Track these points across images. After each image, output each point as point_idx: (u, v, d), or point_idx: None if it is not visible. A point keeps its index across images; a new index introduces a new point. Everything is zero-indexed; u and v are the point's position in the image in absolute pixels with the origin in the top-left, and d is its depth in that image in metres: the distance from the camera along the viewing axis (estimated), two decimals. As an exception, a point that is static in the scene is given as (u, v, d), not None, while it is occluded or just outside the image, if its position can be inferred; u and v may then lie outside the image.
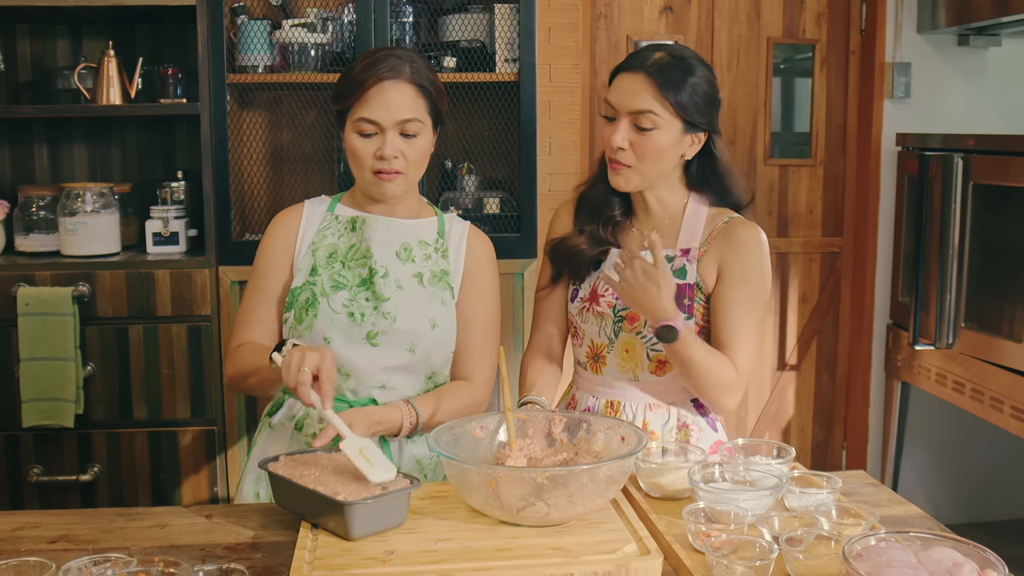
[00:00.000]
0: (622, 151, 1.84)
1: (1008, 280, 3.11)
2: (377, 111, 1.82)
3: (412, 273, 1.92)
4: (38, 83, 3.23)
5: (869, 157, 3.80)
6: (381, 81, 1.82)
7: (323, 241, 1.93)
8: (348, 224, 1.95)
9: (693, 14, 3.73)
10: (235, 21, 3.02)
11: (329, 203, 1.99)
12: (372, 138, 1.85)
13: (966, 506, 3.92)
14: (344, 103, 1.87)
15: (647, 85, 1.82)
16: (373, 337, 1.87)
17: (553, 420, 1.70)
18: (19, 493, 2.88)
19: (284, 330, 1.92)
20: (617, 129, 1.84)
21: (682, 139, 1.86)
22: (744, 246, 1.88)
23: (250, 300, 1.95)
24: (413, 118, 1.85)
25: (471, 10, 3.10)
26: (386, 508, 1.46)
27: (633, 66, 1.85)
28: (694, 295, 1.89)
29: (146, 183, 3.23)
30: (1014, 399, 3.08)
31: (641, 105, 1.82)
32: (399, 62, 1.85)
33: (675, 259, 1.90)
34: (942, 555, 1.27)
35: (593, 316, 1.96)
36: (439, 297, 1.92)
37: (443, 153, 3.32)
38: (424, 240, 1.96)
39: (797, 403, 4.00)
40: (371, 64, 1.84)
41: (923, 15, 3.70)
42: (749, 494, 1.52)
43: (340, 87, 1.89)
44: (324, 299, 1.88)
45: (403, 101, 1.84)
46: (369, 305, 1.88)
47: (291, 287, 1.91)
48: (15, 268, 2.82)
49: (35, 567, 1.32)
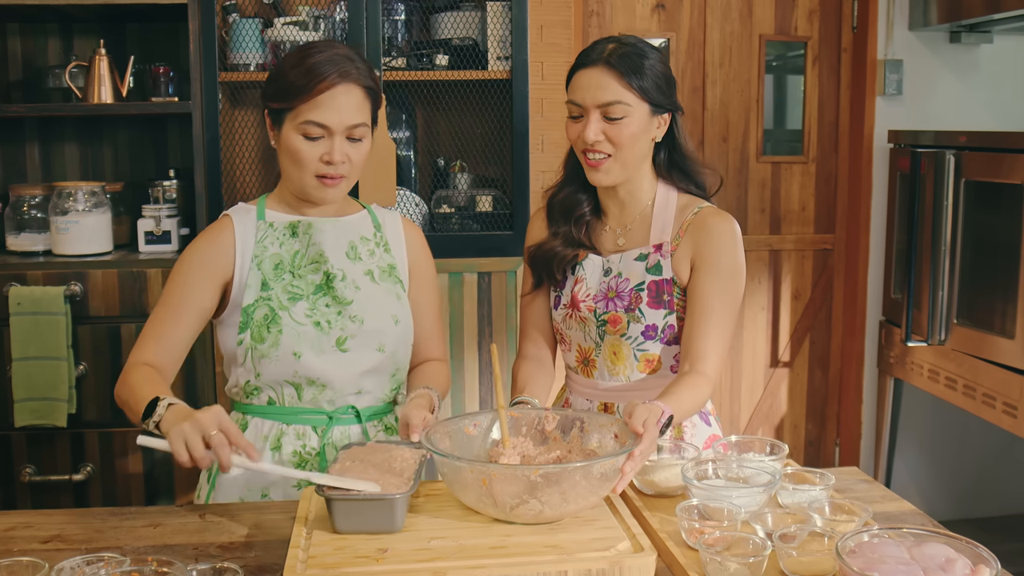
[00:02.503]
0: (598, 143, 1.84)
1: (1000, 276, 3.12)
2: (328, 115, 1.74)
3: (363, 271, 1.88)
4: (29, 82, 3.22)
5: (861, 154, 3.81)
6: (334, 85, 1.74)
7: (264, 253, 1.83)
8: (287, 230, 1.86)
9: (685, 11, 3.74)
10: (227, 19, 3.01)
11: (256, 209, 1.88)
12: (318, 141, 1.76)
13: (959, 502, 3.93)
14: (288, 102, 1.76)
15: (611, 75, 1.82)
16: (343, 343, 1.83)
17: (546, 418, 1.70)
18: (12, 493, 2.88)
19: (240, 352, 1.81)
20: (588, 124, 1.83)
21: (651, 122, 1.87)
22: (715, 236, 1.87)
23: (157, 315, 1.81)
24: (361, 122, 1.78)
25: (463, 8, 3.10)
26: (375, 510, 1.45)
27: (591, 60, 1.84)
28: (672, 290, 1.89)
29: (138, 182, 3.22)
30: (1006, 395, 3.09)
31: (609, 97, 1.82)
32: (349, 63, 1.77)
33: (649, 256, 1.90)
34: (935, 551, 1.28)
35: (576, 322, 1.96)
36: (393, 292, 1.90)
37: (435, 151, 3.32)
38: (364, 236, 1.91)
39: (790, 400, 4.00)
40: (321, 65, 1.74)
41: (915, 12, 3.70)
42: (742, 491, 1.52)
43: (281, 85, 1.77)
44: (285, 312, 1.80)
45: (353, 105, 1.76)
46: (332, 311, 1.83)
47: (242, 305, 1.81)
48: (6, 267, 2.81)
49: (28, 567, 1.31)
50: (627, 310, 1.88)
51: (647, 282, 1.88)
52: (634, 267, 1.90)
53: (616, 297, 1.90)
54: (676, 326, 1.90)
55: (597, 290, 1.93)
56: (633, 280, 1.89)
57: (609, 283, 1.92)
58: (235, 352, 1.83)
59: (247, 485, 1.85)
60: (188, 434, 1.51)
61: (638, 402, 1.59)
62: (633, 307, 1.88)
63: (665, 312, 1.88)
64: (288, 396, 1.84)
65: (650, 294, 1.88)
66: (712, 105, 3.79)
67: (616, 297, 1.90)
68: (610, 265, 1.93)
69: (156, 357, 1.78)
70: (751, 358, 3.95)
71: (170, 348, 1.80)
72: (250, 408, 1.87)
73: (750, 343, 3.93)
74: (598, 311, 1.91)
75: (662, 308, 1.88)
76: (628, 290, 1.89)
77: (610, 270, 1.93)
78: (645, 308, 1.88)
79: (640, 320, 1.88)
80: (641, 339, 1.89)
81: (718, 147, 3.81)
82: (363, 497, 1.45)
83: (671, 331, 1.90)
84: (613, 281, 1.91)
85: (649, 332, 1.89)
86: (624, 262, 1.92)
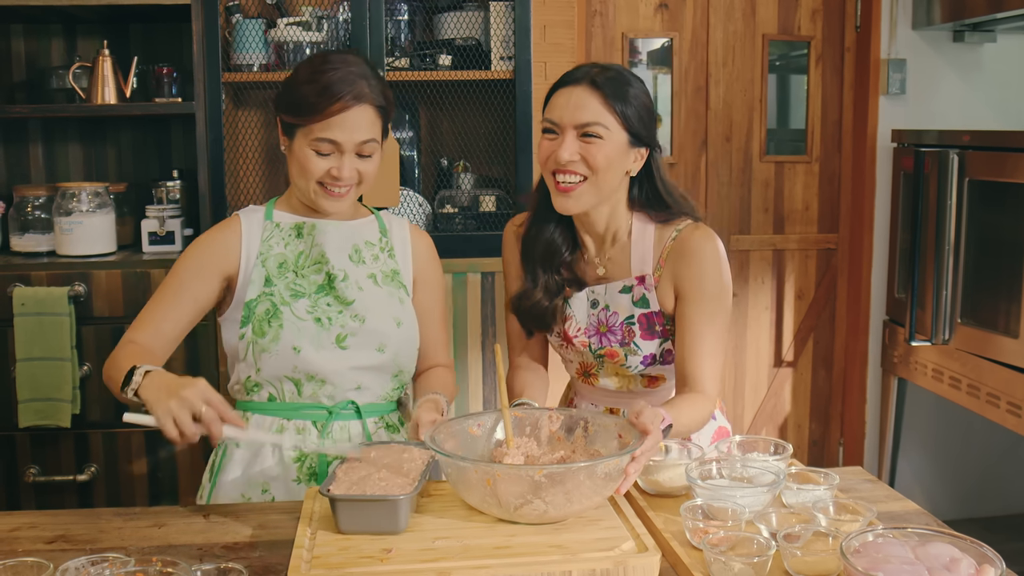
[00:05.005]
0: (572, 163, 1.76)
1: (1004, 276, 3.11)
2: (339, 133, 1.76)
3: (367, 275, 1.89)
4: (33, 83, 3.22)
5: (865, 153, 3.80)
6: (348, 108, 1.75)
7: (270, 251, 1.87)
8: (292, 231, 1.89)
9: (688, 11, 3.73)
10: (230, 20, 3.01)
11: (264, 211, 1.91)
12: (328, 156, 1.79)
13: (963, 502, 3.92)
14: (300, 119, 1.78)
15: (593, 96, 1.75)
16: (342, 340, 1.84)
17: (550, 418, 1.70)
18: (16, 493, 2.88)
19: (241, 347, 1.84)
20: (564, 143, 1.76)
21: (627, 153, 1.79)
22: (696, 262, 1.81)
23: (154, 300, 1.84)
24: (372, 139, 1.80)
25: (466, 8, 3.10)
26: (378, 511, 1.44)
27: (575, 79, 1.78)
28: (663, 320, 1.86)
29: (141, 182, 3.23)
30: (1010, 394, 3.08)
31: (588, 117, 1.75)
32: (363, 82, 1.77)
33: (633, 288, 1.86)
34: (939, 551, 1.28)
35: (574, 352, 1.95)
36: (396, 296, 1.91)
37: (439, 151, 3.32)
38: (369, 241, 1.93)
39: (794, 400, 4.00)
40: (335, 85, 1.75)
41: (918, 11, 3.70)
42: (747, 491, 1.52)
43: (294, 99, 1.79)
44: (286, 308, 1.82)
45: (364, 124, 1.78)
46: (333, 309, 1.84)
47: (245, 300, 1.83)
48: (10, 268, 2.81)
49: (32, 567, 1.31)
50: (622, 344, 1.87)
51: (636, 315, 1.86)
52: (620, 300, 1.87)
53: (608, 332, 1.88)
54: (673, 349, 1.89)
55: (587, 324, 1.90)
56: (622, 314, 1.87)
57: (598, 316, 1.89)
58: (236, 347, 1.86)
59: (249, 482, 1.87)
60: (176, 411, 1.55)
61: (644, 404, 1.59)
62: (627, 341, 1.87)
63: (659, 341, 1.87)
64: (288, 392, 1.85)
65: (642, 327, 1.86)
66: (715, 105, 3.78)
67: (608, 332, 1.88)
68: (596, 297, 1.90)
69: (147, 340, 1.80)
70: (755, 358, 3.94)
71: (162, 333, 1.82)
72: (251, 405, 1.88)
73: (754, 343, 3.93)
74: (592, 346, 1.89)
75: (656, 338, 1.86)
76: (619, 324, 1.87)
77: (596, 302, 1.90)
78: (640, 341, 1.86)
79: (637, 352, 1.87)
80: (641, 367, 1.89)
81: (721, 147, 3.81)
82: (367, 498, 1.45)
83: (669, 354, 1.90)
84: (602, 314, 1.89)
85: (647, 360, 1.88)
86: (609, 294, 1.88)
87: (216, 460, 1.92)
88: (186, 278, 1.84)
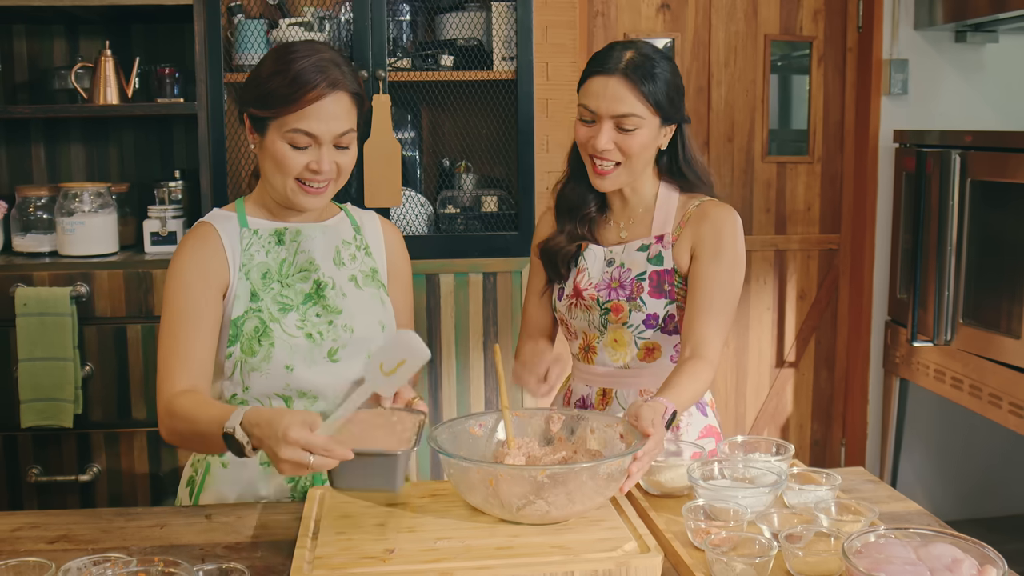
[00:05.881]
0: (608, 151, 1.87)
1: (1006, 276, 3.11)
2: (316, 125, 1.68)
3: (348, 277, 1.82)
4: (35, 83, 3.22)
5: (867, 154, 3.80)
6: (323, 96, 1.67)
7: (251, 261, 1.76)
8: (272, 238, 1.79)
9: (690, 11, 3.73)
10: (232, 20, 3.02)
11: (237, 217, 1.80)
12: (305, 150, 1.70)
13: (965, 502, 3.92)
14: (272, 111, 1.68)
15: (627, 87, 1.84)
16: (334, 353, 1.77)
17: (552, 418, 1.70)
18: (18, 493, 2.88)
19: (228, 365, 1.73)
20: (600, 132, 1.86)
21: (659, 132, 1.91)
22: (717, 225, 1.91)
23: (173, 337, 1.69)
24: (349, 129, 1.72)
25: (468, 8, 3.10)
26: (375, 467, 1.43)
27: (608, 68, 1.86)
28: (673, 279, 1.92)
29: (143, 183, 3.23)
30: (1012, 395, 3.08)
31: (624, 109, 1.85)
32: (336, 69, 1.70)
33: (650, 247, 1.94)
34: (941, 551, 1.28)
35: (581, 310, 1.99)
36: (377, 297, 1.85)
37: (441, 151, 3.32)
38: (346, 240, 1.86)
39: (796, 400, 4.00)
40: (307, 72, 1.67)
41: (920, 12, 3.70)
42: (748, 491, 1.52)
43: (262, 91, 1.70)
44: (276, 325, 1.73)
45: (341, 113, 1.70)
46: (322, 321, 1.77)
47: (232, 318, 1.73)
48: (13, 268, 2.82)
49: (35, 567, 1.32)
50: (629, 299, 1.92)
51: (648, 272, 1.92)
52: (636, 257, 1.94)
53: (619, 287, 1.93)
54: (676, 315, 1.93)
55: (600, 279, 1.96)
56: (635, 270, 1.93)
57: (612, 273, 1.96)
58: (223, 365, 1.75)
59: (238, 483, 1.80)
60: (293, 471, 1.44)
61: (641, 401, 1.59)
62: (635, 296, 1.91)
63: (666, 301, 1.91)
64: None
65: (651, 284, 1.91)
66: (717, 105, 3.78)
67: (619, 287, 1.93)
68: (613, 256, 1.97)
69: (189, 382, 1.68)
70: (756, 358, 3.94)
71: (199, 369, 1.70)
72: None
73: (755, 343, 3.93)
74: (601, 299, 1.95)
75: (663, 297, 1.91)
76: (630, 279, 1.93)
77: (613, 260, 1.97)
78: (646, 297, 1.91)
79: (641, 309, 1.91)
80: (642, 327, 1.92)
81: (723, 147, 3.81)
82: (364, 452, 1.43)
83: (671, 320, 1.93)
84: (616, 271, 1.95)
85: (650, 321, 1.92)
86: (627, 253, 1.95)
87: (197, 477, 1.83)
88: (194, 303, 1.72)
